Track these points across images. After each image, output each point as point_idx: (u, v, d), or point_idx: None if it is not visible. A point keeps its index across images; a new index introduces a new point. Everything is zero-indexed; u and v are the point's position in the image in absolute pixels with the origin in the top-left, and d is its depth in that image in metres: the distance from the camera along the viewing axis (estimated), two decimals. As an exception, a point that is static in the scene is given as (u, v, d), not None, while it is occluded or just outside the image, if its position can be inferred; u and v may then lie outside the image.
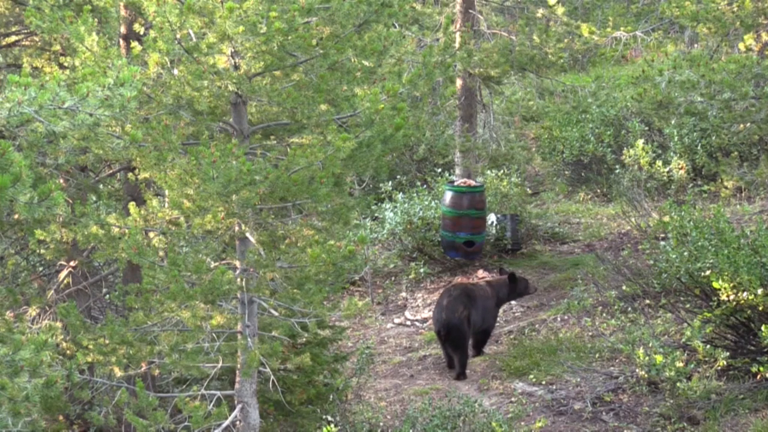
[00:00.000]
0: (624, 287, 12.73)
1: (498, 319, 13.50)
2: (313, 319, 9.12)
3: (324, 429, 9.53)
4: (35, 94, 6.12)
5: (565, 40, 15.18)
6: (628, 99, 16.97)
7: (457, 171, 16.08)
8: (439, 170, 18.01)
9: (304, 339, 10.02)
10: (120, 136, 8.25)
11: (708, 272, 10.94)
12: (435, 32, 15.63)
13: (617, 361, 12.02)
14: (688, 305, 11.68)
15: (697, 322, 10.78)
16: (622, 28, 15.06)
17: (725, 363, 10.57)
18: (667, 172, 17.27)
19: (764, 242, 10.79)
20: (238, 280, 8.63)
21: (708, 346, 10.62)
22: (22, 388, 6.97)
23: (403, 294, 15.31)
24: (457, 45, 14.80)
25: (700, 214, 12.14)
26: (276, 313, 9.06)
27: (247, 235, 8.78)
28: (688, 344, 10.93)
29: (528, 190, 17.22)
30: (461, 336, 12.37)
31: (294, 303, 8.84)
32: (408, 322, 14.53)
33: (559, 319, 13.63)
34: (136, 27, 9.84)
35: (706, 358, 10.66)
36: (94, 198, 11.60)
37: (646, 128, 18.35)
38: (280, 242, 9.03)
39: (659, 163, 17.26)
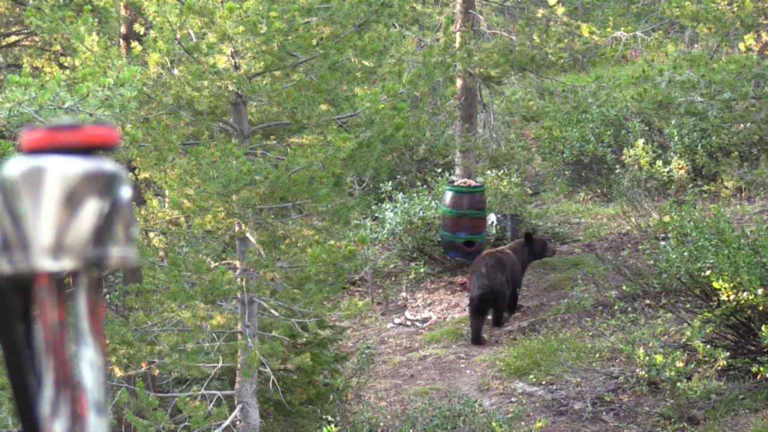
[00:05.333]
0: (624, 287, 12.72)
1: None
2: (313, 319, 9.12)
3: (324, 429, 9.53)
4: (35, 94, 6.11)
5: (565, 40, 15.16)
6: (628, 99, 16.95)
7: (457, 171, 16.06)
8: (439, 170, 18.00)
9: (304, 339, 10.01)
10: (120, 136, 8.24)
11: (708, 272, 10.94)
12: (435, 32, 15.62)
13: (617, 361, 12.01)
14: (688, 305, 11.67)
15: (697, 322, 10.77)
16: (622, 28, 15.05)
17: (725, 363, 10.56)
18: (667, 172, 17.26)
19: (764, 242, 10.79)
20: (238, 280, 8.63)
21: (708, 346, 10.61)
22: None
23: (403, 294, 15.30)
24: (457, 45, 14.79)
25: (701, 214, 12.13)
26: (276, 313, 9.06)
27: (247, 235, 8.77)
28: (688, 344, 10.92)
29: (528, 190, 17.21)
30: (503, 298, 13.51)
31: (294, 303, 8.84)
32: (408, 322, 14.53)
33: (559, 319, 13.62)
34: (136, 27, 9.84)
35: (706, 358, 10.66)
36: (94, 198, 11.57)
37: (646, 128, 18.34)
38: (280, 242, 9.03)
39: (659, 163, 17.25)
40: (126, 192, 1.07)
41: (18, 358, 1.02)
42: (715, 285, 10.59)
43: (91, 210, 1.04)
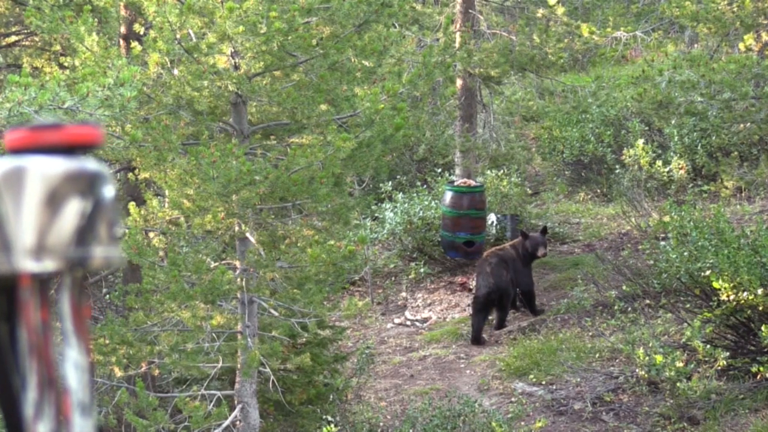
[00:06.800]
0: (624, 287, 12.71)
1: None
2: (313, 319, 9.13)
3: (324, 429, 9.53)
4: (35, 94, 6.12)
5: (565, 40, 15.15)
6: (628, 99, 16.93)
7: (457, 171, 16.06)
8: (439, 170, 17.99)
9: (304, 339, 10.02)
10: (120, 136, 8.25)
11: (708, 272, 10.93)
12: (435, 32, 15.62)
13: (617, 361, 12.01)
14: (688, 305, 11.67)
15: (697, 322, 10.77)
16: (622, 28, 15.03)
17: (725, 363, 10.56)
18: (667, 172, 17.25)
19: (764, 242, 10.79)
20: (238, 280, 8.63)
21: (708, 346, 10.61)
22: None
23: (403, 294, 15.30)
24: (457, 45, 14.78)
25: (700, 214, 12.13)
26: (276, 313, 9.07)
27: (247, 235, 8.78)
28: (688, 344, 10.92)
29: (528, 190, 17.20)
30: (509, 296, 13.58)
31: (294, 303, 8.84)
32: (408, 322, 14.53)
33: (559, 319, 13.62)
34: (136, 27, 9.84)
35: (706, 358, 10.66)
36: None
37: (646, 128, 18.33)
38: (280, 242, 9.04)
39: (659, 163, 17.24)
40: (109, 191, 1.06)
41: (2, 359, 1.02)
42: (715, 285, 10.59)
43: (73, 210, 1.04)
